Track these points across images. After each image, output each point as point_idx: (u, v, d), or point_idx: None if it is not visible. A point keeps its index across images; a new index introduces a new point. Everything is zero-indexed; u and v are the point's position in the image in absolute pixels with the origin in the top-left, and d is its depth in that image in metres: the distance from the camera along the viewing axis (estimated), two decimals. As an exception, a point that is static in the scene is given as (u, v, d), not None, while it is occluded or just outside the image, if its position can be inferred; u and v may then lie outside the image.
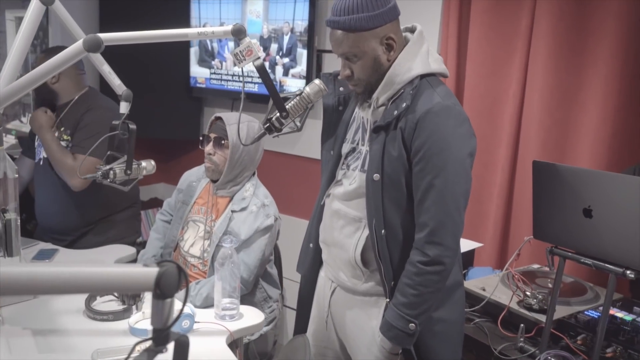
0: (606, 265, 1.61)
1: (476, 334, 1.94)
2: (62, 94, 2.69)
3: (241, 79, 3.48)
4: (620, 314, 1.89)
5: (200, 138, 2.29)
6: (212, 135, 2.26)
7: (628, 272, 1.55)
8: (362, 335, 1.78)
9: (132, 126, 2.07)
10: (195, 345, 1.75)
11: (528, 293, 1.98)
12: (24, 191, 2.94)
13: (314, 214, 1.93)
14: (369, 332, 1.74)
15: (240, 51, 1.72)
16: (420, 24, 2.88)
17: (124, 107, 2.08)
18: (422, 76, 1.63)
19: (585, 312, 1.90)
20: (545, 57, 2.51)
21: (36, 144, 2.73)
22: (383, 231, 1.64)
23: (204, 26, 3.63)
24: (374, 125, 1.65)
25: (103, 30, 3.19)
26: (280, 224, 2.37)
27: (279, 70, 3.34)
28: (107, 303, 1.99)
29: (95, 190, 2.53)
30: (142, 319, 1.88)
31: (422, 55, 1.64)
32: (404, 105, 1.58)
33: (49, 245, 2.55)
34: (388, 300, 1.68)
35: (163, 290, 0.91)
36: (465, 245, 2.45)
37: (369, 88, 1.67)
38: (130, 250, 2.57)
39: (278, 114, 1.69)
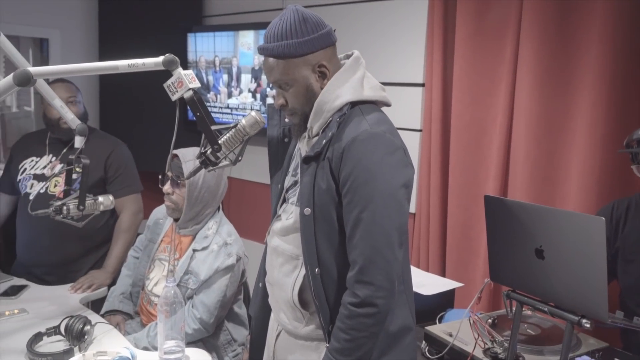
0: (562, 312, 1.44)
1: (436, 385, 1.78)
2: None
3: (240, 110, 3.43)
4: (597, 366, 1.70)
5: (160, 176, 2.22)
6: (170, 174, 2.19)
7: (584, 321, 1.39)
8: None
9: (86, 161, 2.03)
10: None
11: (497, 340, 1.80)
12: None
13: (263, 251, 1.82)
14: None
15: (172, 83, 1.66)
16: (404, 51, 2.84)
17: (78, 142, 2.05)
18: (355, 103, 1.52)
19: (557, 363, 1.72)
20: (531, 84, 2.37)
21: (19, 177, 2.72)
22: (317, 269, 1.50)
23: (199, 59, 3.63)
24: (304, 156, 1.55)
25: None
26: (246, 263, 2.27)
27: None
28: (54, 343, 1.92)
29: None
30: (80, 362, 1.80)
31: (354, 81, 1.53)
32: (330, 134, 1.48)
33: (22, 281, 2.52)
34: (327, 345, 1.55)
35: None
36: (444, 284, 2.28)
37: (304, 118, 1.58)
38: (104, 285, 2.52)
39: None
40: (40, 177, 2.65)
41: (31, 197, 2.63)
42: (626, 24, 2.13)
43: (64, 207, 2.02)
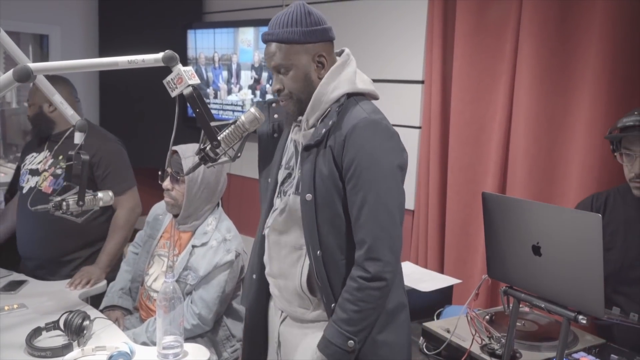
0: (559, 308, 1.45)
1: (433, 381, 1.78)
2: (59, 122, 2.66)
3: (238, 107, 3.44)
4: (593, 363, 1.71)
5: (159, 173, 2.23)
6: (169, 170, 2.20)
7: (580, 317, 1.39)
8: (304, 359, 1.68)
9: (85, 157, 2.03)
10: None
11: (494, 336, 1.81)
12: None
13: (254, 244, 1.87)
14: (309, 354, 1.65)
15: (171, 79, 1.67)
16: (404, 48, 2.84)
17: (78, 138, 2.04)
18: (349, 95, 1.62)
19: (554, 360, 1.72)
20: (530, 81, 2.38)
21: (21, 172, 2.72)
22: (319, 252, 1.59)
23: (199, 56, 3.63)
24: (304, 144, 1.62)
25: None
26: (245, 259, 2.27)
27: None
28: (53, 338, 1.93)
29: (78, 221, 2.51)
30: (80, 356, 1.81)
31: (348, 74, 1.64)
32: (331, 122, 1.57)
33: (21, 276, 2.52)
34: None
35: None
36: (442, 281, 2.29)
37: (299, 106, 1.64)
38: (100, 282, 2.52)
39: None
40: (34, 172, 2.65)
41: (24, 192, 2.64)
42: (626, 22, 2.14)
43: (64, 203, 2.03)
